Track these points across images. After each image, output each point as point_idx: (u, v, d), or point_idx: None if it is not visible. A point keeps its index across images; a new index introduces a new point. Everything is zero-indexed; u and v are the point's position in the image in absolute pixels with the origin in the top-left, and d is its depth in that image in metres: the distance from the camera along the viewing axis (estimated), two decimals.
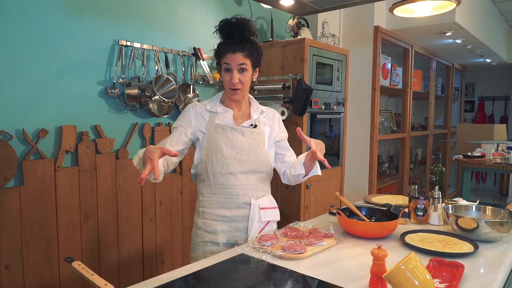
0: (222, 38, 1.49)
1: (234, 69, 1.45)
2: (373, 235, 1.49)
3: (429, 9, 1.78)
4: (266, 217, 1.53)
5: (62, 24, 1.91)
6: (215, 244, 1.50)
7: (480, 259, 1.28)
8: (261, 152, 1.54)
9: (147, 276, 2.27)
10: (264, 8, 3.03)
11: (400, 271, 0.90)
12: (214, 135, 1.49)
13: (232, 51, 1.44)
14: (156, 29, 2.31)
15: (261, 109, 1.62)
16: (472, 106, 6.96)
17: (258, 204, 1.51)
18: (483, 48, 4.69)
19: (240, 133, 1.51)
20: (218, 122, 1.52)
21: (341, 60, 2.98)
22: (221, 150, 1.48)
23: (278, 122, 1.65)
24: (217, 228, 1.50)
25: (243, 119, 1.57)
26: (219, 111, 1.53)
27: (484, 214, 1.64)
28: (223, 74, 1.49)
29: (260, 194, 1.55)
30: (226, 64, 1.46)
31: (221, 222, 1.50)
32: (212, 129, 1.51)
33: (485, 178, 6.89)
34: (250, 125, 1.56)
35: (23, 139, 1.80)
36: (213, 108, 1.54)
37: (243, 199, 1.50)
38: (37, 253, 1.84)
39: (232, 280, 1.13)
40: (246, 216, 1.51)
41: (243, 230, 1.51)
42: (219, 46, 1.48)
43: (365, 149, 3.70)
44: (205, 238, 1.52)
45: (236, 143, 1.49)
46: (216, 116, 1.53)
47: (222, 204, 1.50)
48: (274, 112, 1.67)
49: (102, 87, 2.08)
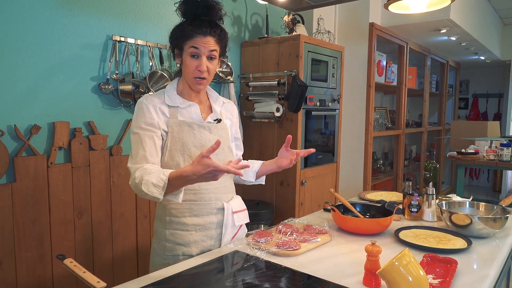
0: (185, 18, 1.30)
1: (203, 55, 1.27)
2: (367, 231, 1.49)
3: (424, 6, 1.78)
4: (239, 221, 1.42)
5: (55, 19, 1.88)
6: (188, 257, 1.32)
7: (474, 255, 1.29)
8: (228, 149, 1.42)
9: (141, 273, 2.26)
10: (259, 4, 3.02)
11: (394, 267, 0.90)
12: (179, 134, 1.31)
13: (202, 33, 1.26)
14: (150, 25, 2.29)
15: (222, 100, 1.48)
16: (466, 103, 7.00)
17: (231, 208, 1.39)
18: (477, 45, 4.71)
19: (207, 130, 1.35)
20: (182, 118, 1.33)
21: (336, 57, 2.98)
22: (189, 151, 1.31)
23: (236, 116, 1.53)
24: (190, 239, 1.33)
25: (206, 113, 1.41)
26: (180, 105, 1.33)
27: (477, 210, 1.65)
28: (187, 59, 1.28)
29: (229, 196, 1.43)
30: (194, 48, 1.26)
31: (193, 232, 1.34)
32: (176, 127, 1.31)
33: (479, 174, 6.94)
34: (214, 120, 1.40)
35: (15, 135, 1.78)
36: (172, 102, 1.33)
37: (216, 204, 1.37)
38: (30, 251, 1.83)
39: (226, 277, 1.13)
40: (219, 222, 1.38)
41: (216, 237, 1.38)
42: (183, 27, 1.28)
43: (360, 146, 3.71)
44: (176, 252, 1.33)
45: (204, 142, 1.33)
46: (177, 112, 1.33)
47: (194, 211, 1.33)
48: (232, 104, 1.53)
49: (96, 83, 2.06)
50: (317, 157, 2.90)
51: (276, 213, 2.78)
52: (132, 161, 1.27)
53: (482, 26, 4.57)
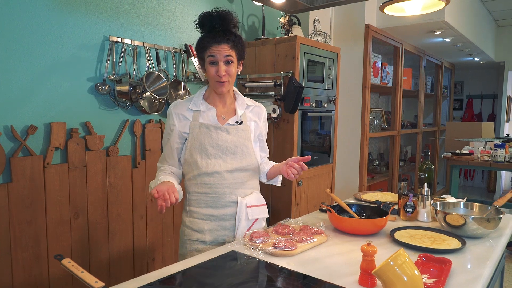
0: (203, 32, 1.45)
1: (220, 61, 1.42)
2: (363, 231, 1.50)
3: (418, 8, 1.80)
4: (253, 215, 1.52)
5: (51, 19, 1.88)
6: (202, 243, 1.50)
7: (468, 255, 1.30)
8: (247, 149, 1.53)
9: (137, 274, 2.26)
10: (255, 6, 3.03)
11: (389, 267, 0.91)
12: (198, 135, 1.48)
13: (217, 42, 1.40)
14: (147, 26, 2.29)
15: (247, 103, 1.59)
16: (460, 104, 7.05)
17: (245, 202, 1.50)
18: (472, 47, 4.75)
19: (225, 131, 1.49)
20: (202, 121, 1.49)
21: (332, 58, 3.00)
22: (206, 150, 1.47)
23: (264, 119, 1.64)
24: (204, 227, 1.50)
25: (228, 115, 1.54)
26: (202, 109, 1.50)
27: (471, 210, 1.66)
28: (208, 68, 1.44)
29: (247, 191, 1.54)
30: (211, 57, 1.41)
31: (208, 221, 1.50)
32: (196, 129, 1.48)
33: (473, 175, 6.99)
34: (235, 122, 1.53)
35: (11, 136, 1.77)
36: (195, 107, 1.51)
37: (230, 198, 1.49)
38: (26, 251, 1.82)
39: (223, 277, 1.13)
40: (233, 214, 1.50)
41: (230, 228, 1.51)
42: (202, 39, 1.44)
43: (355, 146, 3.73)
44: (192, 237, 1.51)
45: (221, 143, 1.48)
46: (199, 115, 1.50)
47: (209, 203, 1.49)
48: (261, 107, 1.64)
49: (92, 84, 2.06)
50: (313, 158, 2.92)
51: (272, 214, 2.79)
52: (159, 159, 1.60)
53: (476, 28, 4.61)
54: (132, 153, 2.26)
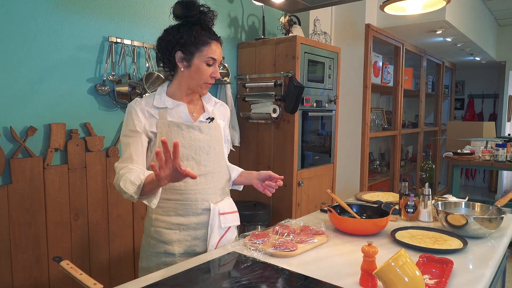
0: (189, 23, 1.31)
1: (217, 63, 1.34)
2: (363, 232, 1.50)
3: (419, 7, 1.79)
4: (226, 223, 1.41)
5: (51, 20, 1.88)
6: (171, 255, 1.36)
7: (469, 255, 1.29)
8: (219, 149, 1.43)
9: (138, 275, 2.26)
10: (255, 6, 3.02)
11: (390, 268, 0.91)
12: (167, 135, 1.31)
13: (216, 40, 1.33)
14: (146, 26, 2.28)
15: (214, 100, 1.50)
16: (462, 104, 7.04)
17: (218, 209, 1.39)
18: (473, 46, 4.73)
19: (197, 130, 1.36)
20: (171, 119, 1.35)
21: (332, 58, 2.99)
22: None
23: (228, 118, 1.55)
24: (173, 238, 1.35)
25: (198, 112, 1.42)
26: (169, 106, 1.35)
27: (473, 210, 1.65)
28: (202, 67, 1.32)
29: (219, 197, 1.43)
30: (211, 59, 1.32)
31: (177, 231, 1.36)
32: (165, 127, 1.32)
33: (475, 175, 6.98)
34: (206, 119, 1.41)
35: (11, 137, 1.77)
36: (161, 104, 1.35)
37: (202, 205, 1.37)
38: (26, 252, 1.82)
39: (223, 278, 1.13)
40: (205, 223, 1.38)
41: (201, 238, 1.38)
42: (198, 33, 1.30)
43: (356, 146, 3.72)
44: (159, 249, 1.36)
45: (194, 142, 1.35)
46: (166, 113, 1.35)
47: (179, 211, 1.35)
48: (225, 106, 1.54)
49: (92, 84, 2.05)
50: (313, 158, 2.91)
51: (273, 214, 2.79)
52: (119, 161, 1.32)
53: (477, 27, 4.59)
54: None
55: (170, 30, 1.35)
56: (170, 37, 1.33)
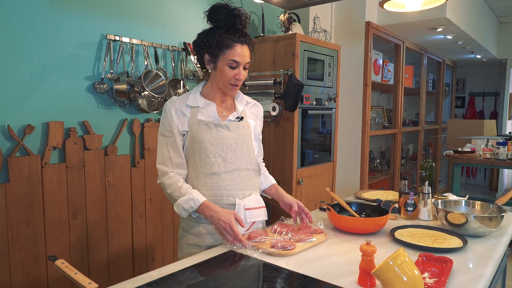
0: (216, 26, 1.37)
1: (241, 66, 1.38)
2: (362, 230, 1.49)
3: (419, 4, 1.77)
4: (251, 218, 1.47)
5: (49, 18, 1.87)
6: (199, 247, 1.43)
7: (469, 254, 1.28)
8: (247, 147, 1.47)
9: (137, 274, 2.25)
10: (255, 3, 3.01)
11: (388, 267, 0.90)
12: (197, 133, 1.40)
13: (241, 43, 1.35)
14: (145, 24, 2.27)
15: (246, 100, 1.55)
16: (462, 102, 7.02)
17: (243, 204, 1.44)
18: (474, 44, 4.71)
19: (225, 128, 1.43)
20: (201, 118, 1.42)
21: (332, 56, 2.97)
22: (205, 149, 1.39)
23: (260, 118, 1.60)
24: (201, 231, 1.43)
25: (228, 111, 1.48)
26: (201, 105, 1.43)
27: (473, 209, 1.64)
28: (225, 69, 1.37)
29: (246, 193, 1.48)
30: (234, 61, 1.35)
31: (205, 224, 1.43)
32: (195, 126, 1.40)
33: (475, 173, 6.96)
34: (236, 118, 1.47)
35: (8, 135, 1.76)
36: (194, 103, 1.42)
37: (228, 200, 1.43)
38: (24, 251, 1.81)
39: (221, 277, 1.12)
40: None
41: None
42: (220, 35, 1.34)
43: (356, 145, 3.71)
44: (189, 241, 1.45)
45: (221, 140, 1.41)
46: (198, 111, 1.42)
47: None
48: (259, 106, 1.59)
49: (90, 82, 2.05)
50: (313, 156, 2.90)
51: (272, 213, 2.78)
52: (159, 161, 1.44)
53: (478, 24, 4.57)
54: (131, 152, 2.24)
55: (201, 34, 1.41)
56: (199, 41, 1.41)
